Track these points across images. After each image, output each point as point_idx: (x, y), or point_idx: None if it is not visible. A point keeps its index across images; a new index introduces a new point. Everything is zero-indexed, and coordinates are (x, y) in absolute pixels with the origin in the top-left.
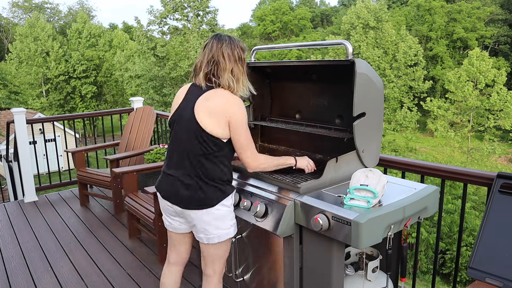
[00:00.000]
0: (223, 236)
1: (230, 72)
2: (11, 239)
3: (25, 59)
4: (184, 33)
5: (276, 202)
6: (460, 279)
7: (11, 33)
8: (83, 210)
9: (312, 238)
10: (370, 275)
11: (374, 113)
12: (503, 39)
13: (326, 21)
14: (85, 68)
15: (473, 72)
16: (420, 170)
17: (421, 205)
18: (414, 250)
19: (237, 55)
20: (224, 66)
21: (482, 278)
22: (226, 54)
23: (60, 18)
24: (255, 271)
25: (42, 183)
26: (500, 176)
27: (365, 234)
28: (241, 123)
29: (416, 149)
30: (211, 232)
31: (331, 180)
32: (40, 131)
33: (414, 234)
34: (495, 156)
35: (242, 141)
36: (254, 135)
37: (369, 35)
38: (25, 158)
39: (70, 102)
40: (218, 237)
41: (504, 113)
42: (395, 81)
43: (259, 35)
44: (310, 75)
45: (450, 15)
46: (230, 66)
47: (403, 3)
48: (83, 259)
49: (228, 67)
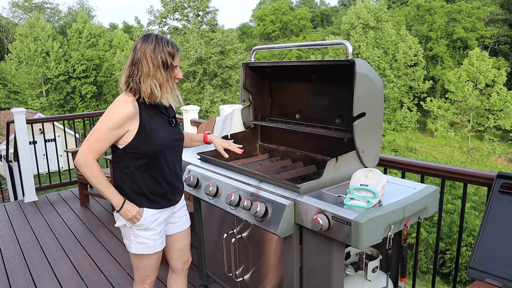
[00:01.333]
0: (130, 248)
1: (153, 78)
2: (11, 239)
3: (25, 59)
4: (184, 33)
5: (276, 202)
6: (460, 279)
7: (11, 33)
8: (83, 210)
9: (312, 238)
10: (370, 275)
11: (374, 113)
12: (503, 39)
13: (326, 21)
14: (85, 68)
15: (473, 72)
16: (420, 170)
17: (421, 205)
18: (414, 250)
19: (160, 59)
20: (147, 71)
21: (482, 278)
22: (149, 57)
23: (60, 18)
24: (255, 271)
25: (42, 183)
26: (500, 176)
27: (365, 234)
28: (102, 116)
29: (416, 149)
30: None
31: (331, 180)
32: (40, 131)
33: (414, 234)
34: (495, 156)
35: (91, 132)
36: (254, 135)
37: (369, 35)
38: (25, 158)
39: (70, 102)
40: (129, 247)
41: (504, 113)
42: (395, 81)
43: (259, 35)
44: (310, 75)
45: (450, 15)
46: (153, 71)
47: (403, 3)
48: (83, 259)
49: (151, 72)
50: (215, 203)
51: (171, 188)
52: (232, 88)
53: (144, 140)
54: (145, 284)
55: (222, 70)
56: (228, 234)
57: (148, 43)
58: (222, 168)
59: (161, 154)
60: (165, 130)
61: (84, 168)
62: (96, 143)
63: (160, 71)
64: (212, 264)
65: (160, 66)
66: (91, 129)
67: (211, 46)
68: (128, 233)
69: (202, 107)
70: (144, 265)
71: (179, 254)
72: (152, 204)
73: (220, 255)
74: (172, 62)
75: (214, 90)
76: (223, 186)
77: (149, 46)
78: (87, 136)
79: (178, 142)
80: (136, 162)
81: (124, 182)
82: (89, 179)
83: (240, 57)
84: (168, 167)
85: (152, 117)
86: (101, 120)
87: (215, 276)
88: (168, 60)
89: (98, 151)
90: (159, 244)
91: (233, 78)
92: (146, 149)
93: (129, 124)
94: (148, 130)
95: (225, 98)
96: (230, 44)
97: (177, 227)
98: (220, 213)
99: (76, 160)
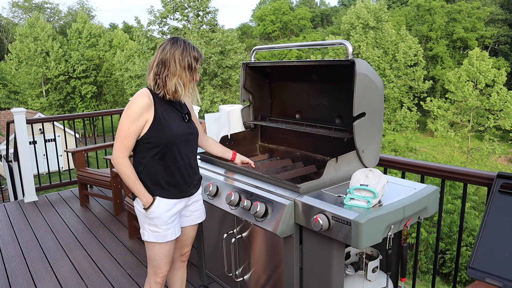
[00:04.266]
0: (144, 235)
1: (179, 77)
2: (11, 239)
3: (25, 59)
4: (184, 33)
5: (276, 202)
6: (460, 279)
7: (11, 33)
8: (83, 210)
9: (312, 238)
10: (370, 275)
11: (374, 113)
12: (503, 39)
13: (326, 21)
14: (85, 68)
15: (473, 72)
16: (420, 170)
17: (421, 205)
18: (414, 250)
19: (187, 62)
20: (174, 70)
21: (482, 278)
22: (177, 59)
23: (60, 18)
24: (255, 271)
25: (42, 183)
26: (500, 176)
27: (365, 234)
28: (123, 113)
29: (416, 149)
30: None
31: (331, 180)
32: (40, 131)
33: (414, 234)
34: (495, 156)
35: (118, 131)
36: (254, 135)
37: (369, 35)
38: (25, 158)
39: (70, 102)
40: (142, 235)
41: (504, 113)
42: (395, 81)
43: (259, 35)
44: (310, 75)
45: (450, 15)
46: (179, 71)
47: (403, 3)
48: (83, 259)
49: (178, 72)
50: (215, 203)
51: (184, 178)
52: (232, 88)
53: (158, 131)
54: (157, 277)
55: (222, 70)
56: (228, 234)
57: (177, 46)
58: (222, 168)
59: (174, 144)
60: (179, 124)
61: (118, 167)
62: (125, 140)
63: (185, 72)
64: (212, 264)
65: (185, 67)
66: (91, 129)
67: (211, 46)
68: (143, 221)
69: (202, 107)
70: (156, 255)
71: (179, 245)
72: (165, 193)
73: (220, 255)
74: (196, 66)
75: (214, 90)
76: (223, 186)
77: (178, 49)
78: (116, 136)
79: (192, 136)
80: (151, 152)
81: (140, 171)
82: (122, 176)
83: (240, 57)
84: (181, 157)
85: (167, 111)
86: (123, 117)
87: (215, 276)
88: (193, 64)
89: (129, 147)
90: (170, 234)
91: (233, 78)
92: (160, 139)
93: (146, 115)
94: (163, 121)
95: (225, 98)
96: (230, 44)
97: (189, 220)
98: (220, 213)
99: (112, 159)
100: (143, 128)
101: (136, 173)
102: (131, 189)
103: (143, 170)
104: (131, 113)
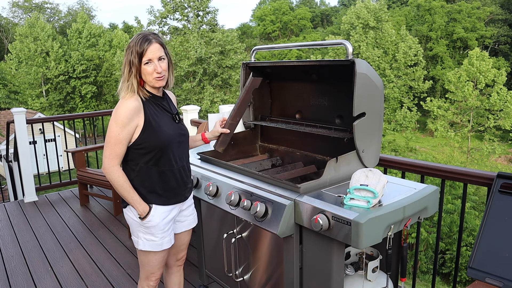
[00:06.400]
0: (138, 244)
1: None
2: (11, 239)
3: (25, 59)
4: (184, 33)
5: (276, 202)
6: (460, 279)
7: (11, 33)
8: (83, 210)
9: (312, 238)
10: (370, 275)
11: (374, 113)
12: (503, 39)
13: (326, 21)
14: (85, 68)
15: (473, 72)
16: (420, 170)
17: (421, 205)
18: (414, 250)
19: (127, 60)
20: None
21: (482, 278)
22: (125, 61)
23: (60, 18)
24: (255, 271)
25: (42, 183)
26: (500, 176)
27: (365, 234)
28: (111, 117)
29: (416, 149)
30: (133, 234)
31: (331, 180)
32: (40, 131)
33: (414, 234)
34: (495, 156)
35: (107, 138)
36: (254, 135)
37: (369, 35)
38: (25, 158)
39: (70, 102)
40: (136, 243)
41: (504, 113)
42: (395, 81)
43: (259, 35)
44: (310, 75)
45: (450, 15)
46: (126, 70)
47: (403, 3)
48: (83, 259)
49: (125, 71)
50: (215, 203)
51: (178, 183)
52: (232, 88)
53: (150, 135)
54: (150, 281)
55: (222, 70)
56: (228, 234)
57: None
58: (222, 168)
59: (168, 148)
60: (171, 126)
61: (110, 176)
62: (115, 147)
63: (127, 68)
64: (212, 264)
65: (125, 62)
66: (91, 129)
67: (211, 46)
68: (137, 230)
69: (202, 107)
70: (151, 262)
71: (174, 251)
72: (161, 200)
73: (220, 255)
74: (135, 60)
75: (214, 90)
76: (223, 186)
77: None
78: (105, 144)
79: (184, 137)
80: (145, 158)
81: (133, 179)
82: (114, 186)
83: (240, 57)
84: (175, 160)
85: (156, 113)
86: (111, 123)
87: (215, 276)
88: (127, 54)
89: (120, 154)
90: (166, 242)
91: (233, 78)
92: (152, 143)
93: (137, 119)
94: (154, 124)
95: (225, 98)
96: (230, 44)
97: (184, 226)
98: (220, 213)
99: (103, 168)
100: (134, 134)
101: (131, 179)
102: (125, 199)
103: (136, 177)
104: (119, 118)
